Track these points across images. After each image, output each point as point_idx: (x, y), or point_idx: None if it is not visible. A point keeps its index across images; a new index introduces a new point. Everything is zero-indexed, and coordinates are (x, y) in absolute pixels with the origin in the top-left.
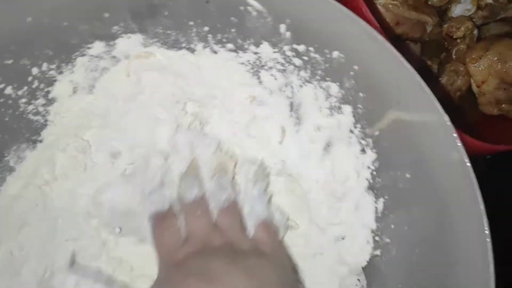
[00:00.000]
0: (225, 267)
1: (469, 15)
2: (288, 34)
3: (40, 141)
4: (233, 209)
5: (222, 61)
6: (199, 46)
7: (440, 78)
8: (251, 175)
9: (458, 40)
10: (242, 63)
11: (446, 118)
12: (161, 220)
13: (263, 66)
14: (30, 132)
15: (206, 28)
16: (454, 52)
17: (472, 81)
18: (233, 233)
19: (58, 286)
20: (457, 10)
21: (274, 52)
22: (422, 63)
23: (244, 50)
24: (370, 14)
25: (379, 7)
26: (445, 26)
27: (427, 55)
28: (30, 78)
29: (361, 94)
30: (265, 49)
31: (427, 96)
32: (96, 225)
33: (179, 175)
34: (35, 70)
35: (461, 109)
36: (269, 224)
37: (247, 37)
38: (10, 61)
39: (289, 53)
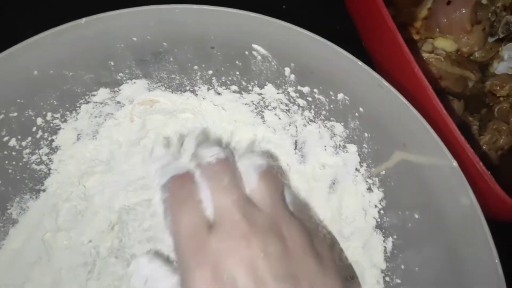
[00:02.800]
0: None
1: None
2: (292, 76)
3: (44, 190)
4: (270, 173)
5: (225, 101)
6: (203, 89)
7: (482, 136)
8: None
9: (501, 99)
10: (246, 104)
11: (455, 163)
12: (178, 190)
13: (266, 106)
14: (33, 182)
15: (210, 72)
16: (496, 110)
17: None
18: (277, 208)
19: None
20: (500, 68)
21: (278, 93)
22: (463, 118)
23: (248, 91)
24: (419, 68)
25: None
26: (489, 83)
27: (468, 111)
28: (34, 129)
29: (366, 134)
30: (269, 90)
31: (435, 141)
32: (97, 275)
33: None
34: (39, 120)
35: (501, 168)
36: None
37: (251, 79)
38: (15, 114)
39: (293, 94)
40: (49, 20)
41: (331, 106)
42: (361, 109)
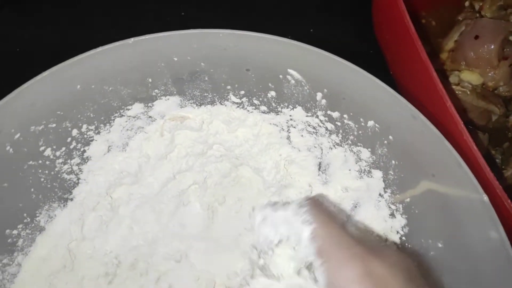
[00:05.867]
0: None
1: None
2: (324, 101)
3: (71, 199)
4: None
5: (254, 120)
6: (234, 107)
7: (505, 170)
8: None
9: None
10: (274, 124)
11: (485, 197)
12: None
13: (294, 127)
14: (62, 191)
15: (242, 92)
16: None
17: None
18: None
19: None
20: None
21: (307, 116)
22: (487, 151)
23: (277, 112)
24: (451, 103)
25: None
26: (511, 117)
27: (491, 144)
28: (69, 139)
29: (393, 162)
30: (299, 112)
31: (466, 174)
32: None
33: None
34: (74, 132)
35: None
36: None
37: (282, 102)
38: (53, 125)
39: (322, 118)
40: (100, 39)
41: (360, 132)
42: (390, 137)
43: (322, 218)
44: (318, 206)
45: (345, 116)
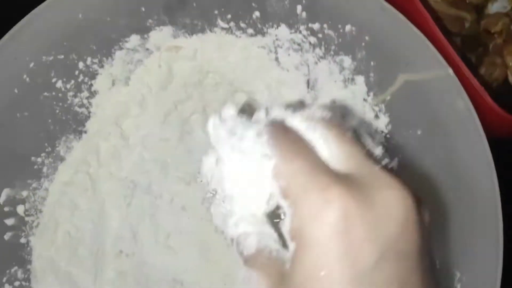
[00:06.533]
0: None
1: (506, 12)
2: (304, 14)
3: (85, 132)
4: None
5: (243, 44)
6: (223, 33)
7: (479, 70)
8: None
9: (496, 35)
10: (262, 47)
11: (450, 70)
12: (283, 133)
13: (280, 47)
14: (76, 124)
15: (229, 16)
16: (491, 46)
17: (508, 72)
18: None
19: (109, 266)
20: (494, 7)
21: (291, 33)
22: (462, 57)
23: (263, 34)
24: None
25: None
26: (483, 22)
27: (466, 50)
28: (76, 72)
29: (372, 63)
30: (283, 30)
31: (432, 52)
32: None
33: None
34: (81, 65)
35: (498, 98)
36: None
37: (267, 21)
38: (61, 56)
39: (304, 32)
40: None
41: (340, 39)
42: (366, 37)
43: (286, 150)
44: (282, 134)
45: (325, 26)
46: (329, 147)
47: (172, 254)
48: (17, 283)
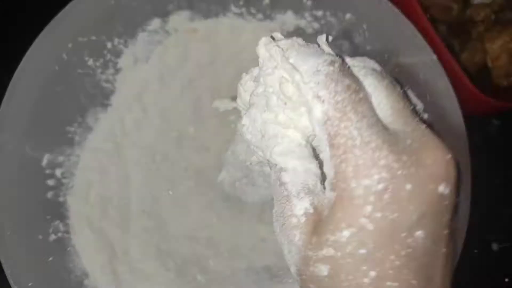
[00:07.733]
0: None
1: (488, 3)
2: (309, 2)
3: (110, 105)
4: None
5: (253, 28)
6: (235, 17)
7: (462, 55)
8: None
9: (478, 24)
10: (270, 31)
11: (434, 56)
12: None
13: (287, 31)
14: (103, 97)
15: (241, 2)
16: (474, 33)
17: (488, 57)
18: None
19: (134, 223)
20: None
21: (297, 19)
22: (447, 42)
23: (272, 18)
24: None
25: None
26: (468, 11)
27: (452, 36)
28: (105, 52)
29: (368, 48)
30: (290, 17)
31: (420, 40)
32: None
33: None
34: (109, 45)
35: (478, 81)
36: None
37: (275, 8)
38: (94, 37)
39: (309, 18)
40: None
41: (340, 26)
42: (364, 25)
43: (343, 98)
44: (344, 77)
45: (327, 13)
46: (378, 96)
47: (187, 213)
48: (60, 234)
